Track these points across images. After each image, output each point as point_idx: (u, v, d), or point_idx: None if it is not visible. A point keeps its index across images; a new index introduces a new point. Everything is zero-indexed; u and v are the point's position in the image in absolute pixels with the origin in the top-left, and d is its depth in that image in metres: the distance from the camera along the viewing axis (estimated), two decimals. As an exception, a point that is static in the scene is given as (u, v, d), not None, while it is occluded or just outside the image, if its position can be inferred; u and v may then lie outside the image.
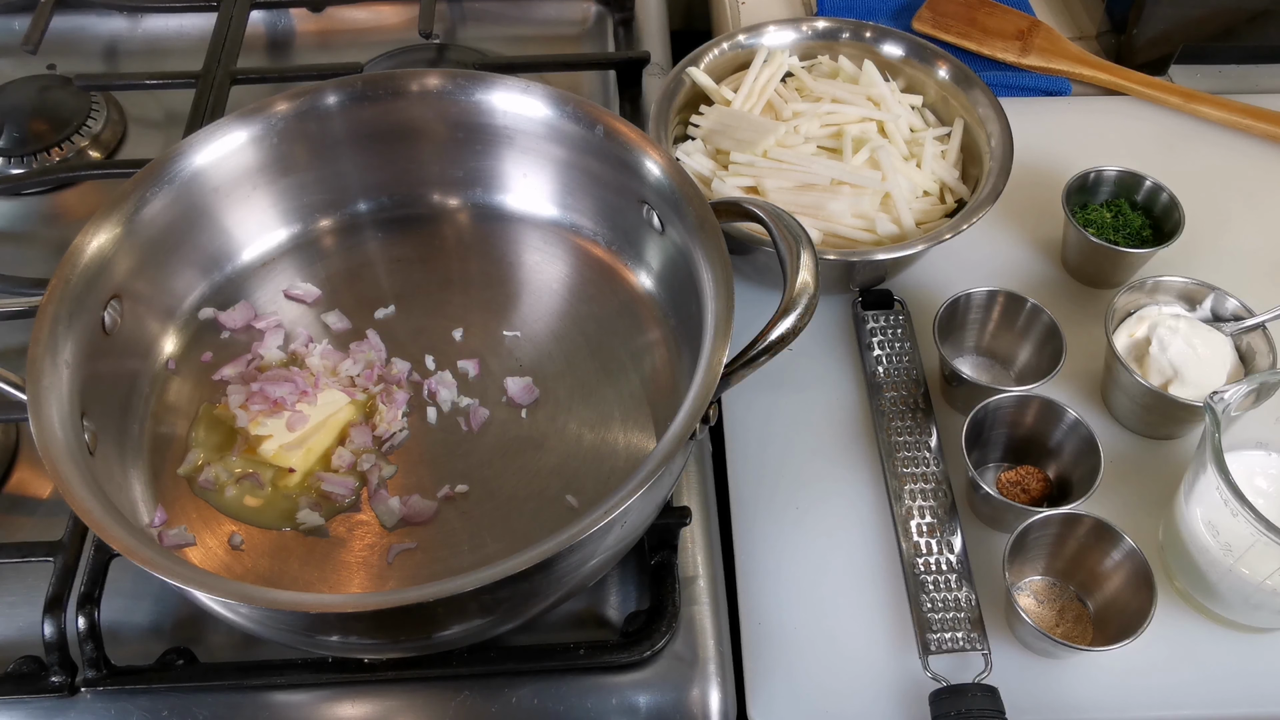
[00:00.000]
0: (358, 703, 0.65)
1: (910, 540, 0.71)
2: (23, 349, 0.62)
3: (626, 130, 0.74)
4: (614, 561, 0.64)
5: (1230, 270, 0.86)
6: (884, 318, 0.83)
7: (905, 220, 0.82)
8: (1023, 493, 0.72)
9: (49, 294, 0.65)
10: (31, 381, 0.61)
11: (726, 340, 0.62)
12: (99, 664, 0.64)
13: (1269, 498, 0.69)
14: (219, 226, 0.77)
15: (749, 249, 0.78)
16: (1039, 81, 1.03)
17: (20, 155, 0.95)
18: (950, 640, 0.67)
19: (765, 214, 0.67)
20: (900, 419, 0.77)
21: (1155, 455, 0.77)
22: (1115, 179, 0.87)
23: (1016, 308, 0.79)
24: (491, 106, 0.78)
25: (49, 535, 0.69)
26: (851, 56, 0.92)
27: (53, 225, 0.93)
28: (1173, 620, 0.69)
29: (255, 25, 1.07)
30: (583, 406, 0.73)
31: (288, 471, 0.69)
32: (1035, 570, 0.70)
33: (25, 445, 0.77)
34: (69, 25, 1.07)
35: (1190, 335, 0.75)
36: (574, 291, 0.79)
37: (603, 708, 0.65)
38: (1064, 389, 0.79)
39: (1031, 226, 0.91)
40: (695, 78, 0.89)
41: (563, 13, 1.11)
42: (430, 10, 1.00)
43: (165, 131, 1.01)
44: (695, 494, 0.74)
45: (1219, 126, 1.00)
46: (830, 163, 0.84)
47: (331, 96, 0.77)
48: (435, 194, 0.83)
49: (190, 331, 0.76)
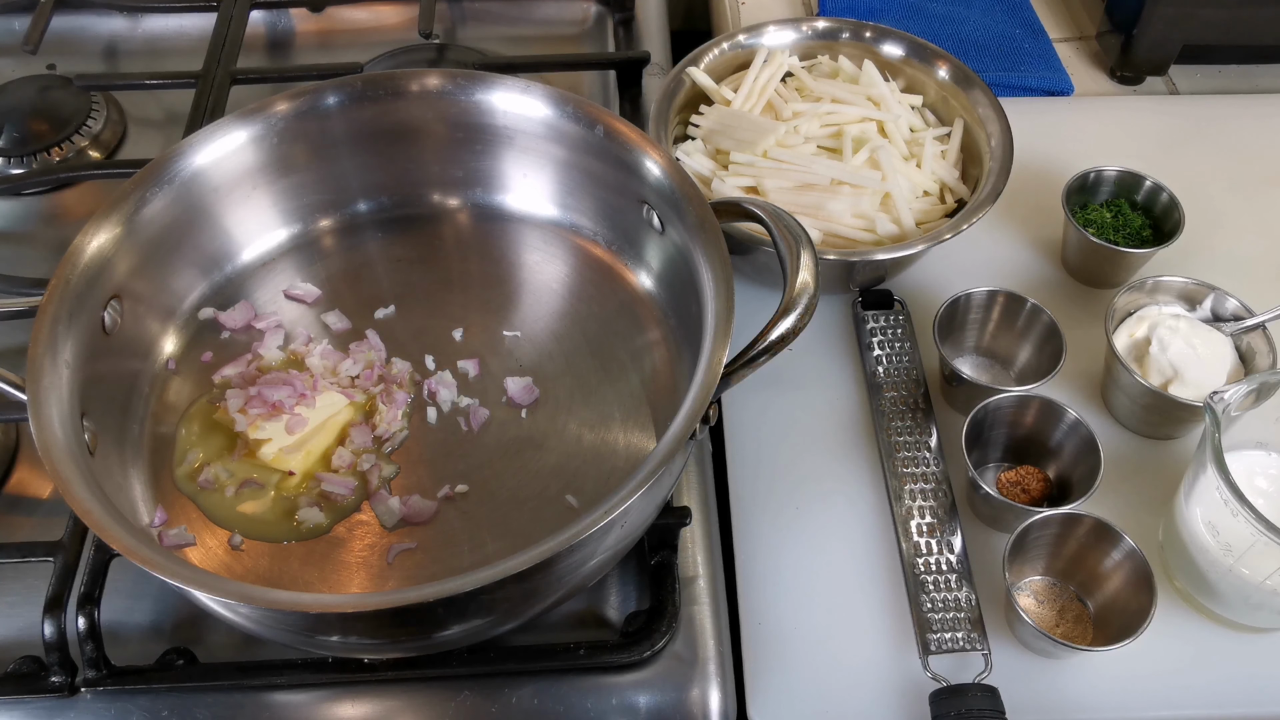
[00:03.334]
0: (358, 703, 0.65)
1: (910, 540, 0.71)
2: (23, 349, 0.62)
3: (626, 130, 0.74)
4: (614, 561, 0.64)
5: (1230, 270, 0.86)
6: (884, 318, 0.83)
7: (905, 220, 0.82)
8: (1023, 493, 0.72)
9: (49, 294, 0.65)
10: (31, 381, 0.61)
11: (726, 340, 0.62)
12: (99, 664, 0.64)
13: (1269, 498, 0.69)
14: (219, 226, 0.77)
15: (749, 249, 0.78)
16: (1039, 81, 1.03)
17: (20, 155, 0.95)
18: (950, 640, 0.67)
19: (765, 214, 0.67)
20: (900, 419, 0.77)
21: (1155, 455, 0.77)
22: (1115, 179, 0.87)
23: (1016, 308, 0.79)
24: (491, 106, 0.78)
25: (49, 535, 0.69)
26: (851, 56, 0.92)
27: (53, 225, 0.93)
28: (1173, 620, 0.69)
29: (255, 25, 1.07)
30: (583, 406, 0.73)
31: (287, 475, 0.69)
32: (1035, 570, 0.70)
33: (25, 445, 0.77)
34: (69, 25, 1.07)
35: (1190, 335, 0.75)
36: (574, 291, 0.79)
37: (603, 708, 0.65)
38: (1064, 389, 0.79)
39: (1031, 226, 0.91)
40: (695, 78, 0.89)
41: (563, 13, 1.11)
42: (430, 10, 1.00)
43: (165, 131, 1.01)
44: (695, 494, 0.74)
45: (1219, 126, 1.00)
46: (830, 163, 0.84)
47: (331, 96, 0.77)
48: (435, 194, 0.83)
49: (190, 331, 0.76)
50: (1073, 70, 1.05)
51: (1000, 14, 1.10)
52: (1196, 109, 1.02)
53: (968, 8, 1.10)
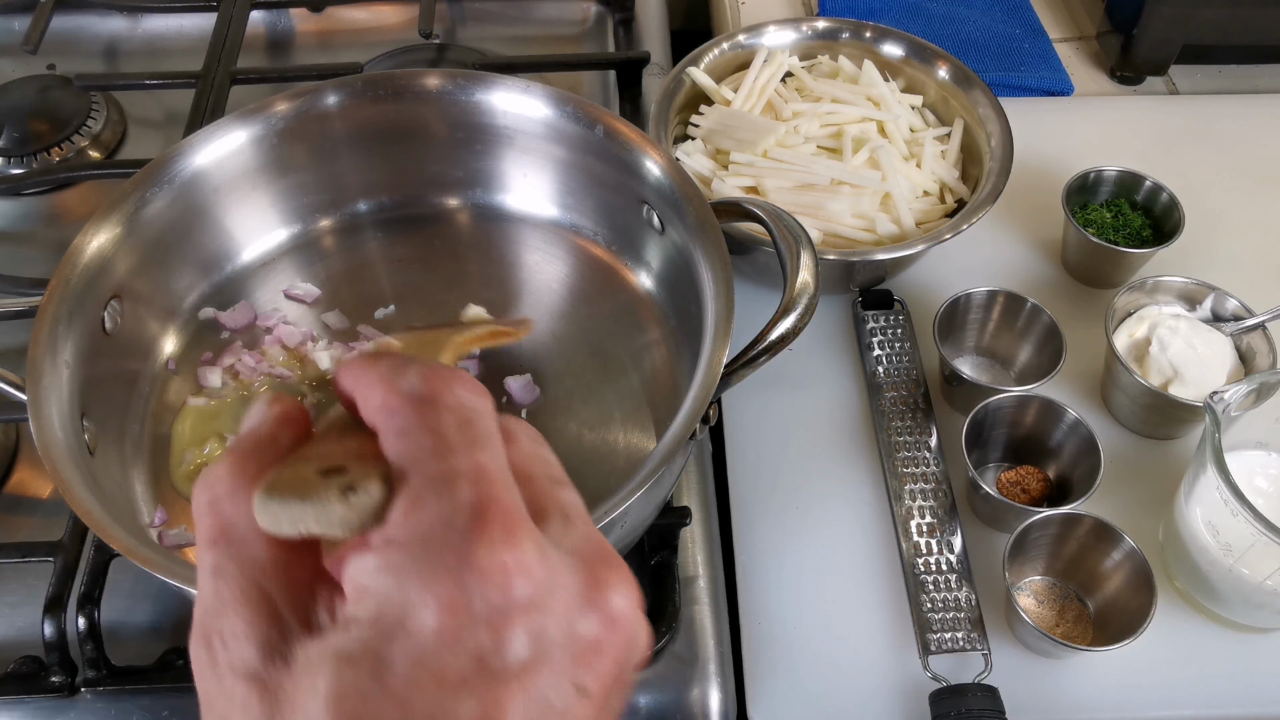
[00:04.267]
0: (358, 703, 0.65)
1: (910, 540, 0.71)
2: (23, 349, 0.62)
3: (626, 130, 0.74)
4: (614, 561, 0.64)
5: (1230, 270, 0.86)
6: (884, 318, 0.83)
7: (905, 220, 0.82)
8: (1023, 493, 0.72)
9: (49, 294, 0.65)
10: (31, 381, 0.61)
11: (726, 340, 0.61)
12: (99, 664, 0.64)
13: (1269, 498, 0.69)
14: (219, 226, 0.77)
15: (749, 249, 0.78)
16: (1039, 81, 1.03)
17: (20, 155, 0.95)
18: (950, 640, 0.67)
19: (765, 214, 0.67)
20: (900, 419, 0.77)
21: (1155, 455, 0.77)
22: (1115, 179, 0.87)
23: (1016, 308, 0.79)
24: (491, 106, 0.78)
25: (49, 535, 0.69)
26: (851, 56, 0.92)
27: (53, 225, 0.93)
28: (1173, 620, 0.69)
29: (255, 25, 1.07)
30: (583, 406, 0.73)
31: None
32: (1035, 570, 0.70)
33: (25, 445, 0.77)
34: (69, 25, 1.07)
35: (1190, 335, 0.75)
36: (574, 291, 0.79)
37: (603, 708, 0.65)
38: (1064, 389, 0.79)
39: (1031, 226, 0.91)
40: (695, 78, 0.89)
41: (563, 13, 1.11)
42: (430, 10, 1.00)
43: (165, 131, 1.01)
44: (695, 494, 0.74)
45: (1219, 126, 1.00)
46: (830, 163, 0.84)
47: (331, 96, 0.77)
48: (435, 194, 0.83)
49: (190, 331, 0.76)
50: (1073, 70, 1.05)
51: (1000, 14, 1.10)
52: (1196, 109, 1.02)
53: (968, 8, 1.10)
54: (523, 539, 0.28)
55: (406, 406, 0.29)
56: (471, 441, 0.29)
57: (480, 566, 0.27)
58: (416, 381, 0.30)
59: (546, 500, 0.31)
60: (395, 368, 0.30)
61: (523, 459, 0.31)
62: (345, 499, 0.28)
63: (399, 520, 0.28)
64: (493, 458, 0.29)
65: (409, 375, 0.30)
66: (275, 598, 0.29)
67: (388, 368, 0.30)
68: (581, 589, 0.29)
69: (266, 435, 0.31)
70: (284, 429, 0.32)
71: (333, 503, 0.28)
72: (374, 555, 0.28)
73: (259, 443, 0.31)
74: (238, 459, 0.31)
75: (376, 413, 0.30)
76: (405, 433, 0.29)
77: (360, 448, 0.30)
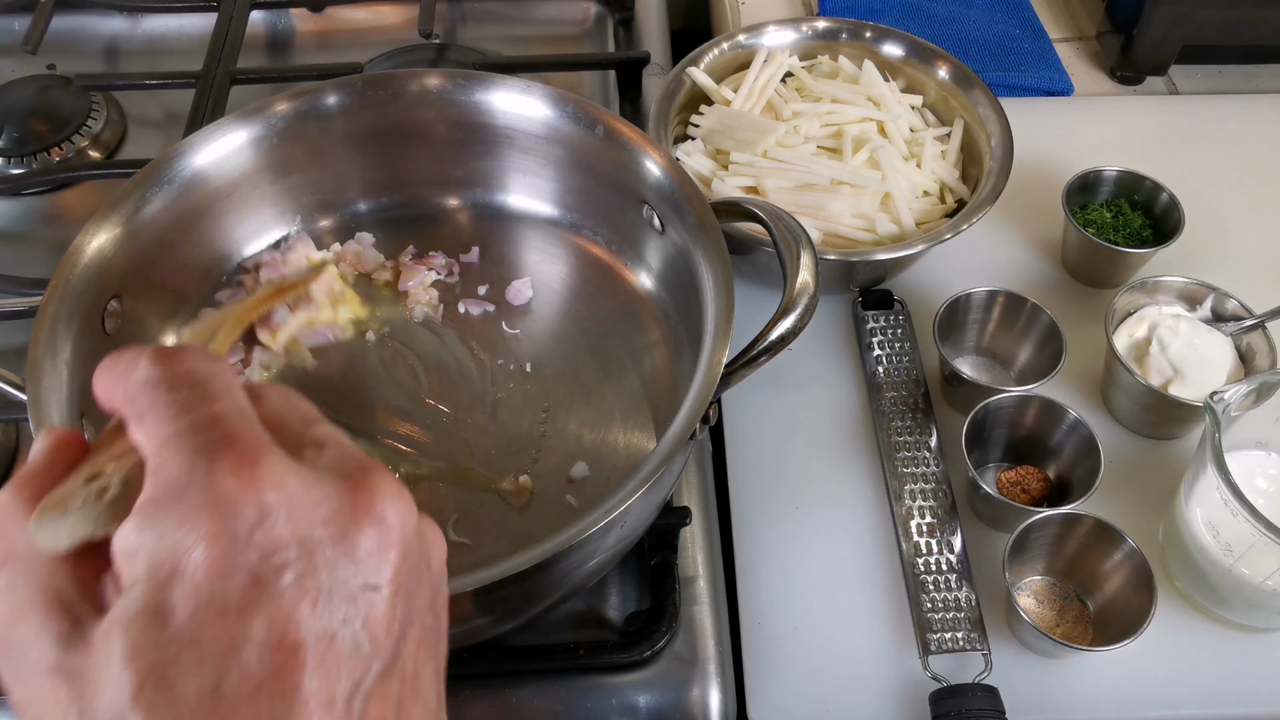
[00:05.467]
0: (358, 703, 0.65)
1: (910, 540, 0.71)
2: (23, 349, 0.62)
3: (626, 130, 0.74)
4: (614, 562, 0.64)
5: (1230, 270, 0.86)
6: (884, 318, 0.83)
7: (905, 220, 0.82)
8: (1023, 493, 0.72)
9: (49, 294, 0.65)
10: (31, 381, 0.61)
11: (726, 340, 0.61)
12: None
13: (1269, 498, 0.69)
14: (219, 226, 0.77)
15: (749, 249, 0.78)
16: (1039, 81, 1.03)
17: (20, 155, 0.95)
18: (950, 640, 0.67)
19: (765, 214, 0.67)
20: (900, 419, 0.77)
21: (1155, 455, 0.77)
22: (1115, 179, 0.87)
23: (1016, 308, 0.79)
24: (491, 106, 0.78)
25: (49, 535, 0.69)
26: (851, 56, 0.92)
27: (53, 225, 0.93)
28: (1173, 620, 0.69)
29: (255, 25, 1.07)
30: (583, 406, 0.73)
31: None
32: (1035, 570, 0.70)
33: (25, 445, 0.77)
34: (69, 25, 1.07)
35: (1190, 335, 0.75)
36: (574, 291, 0.79)
37: (603, 708, 0.65)
38: (1064, 389, 0.79)
39: (1031, 226, 0.91)
40: (695, 78, 0.89)
41: (563, 13, 1.11)
42: (430, 10, 1.00)
43: (165, 131, 1.01)
44: (695, 494, 0.74)
45: (1219, 126, 1.00)
46: (830, 163, 0.84)
47: (331, 96, 0.77)
48: (435, 194, 0.83)
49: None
50: (1073, 70, 1.06)
51: (1000, 14, 1.10)
52: (1196, 109, 1.02)
53: (968, 8, 1.10)
54: (266, 458, 0.29)
55: (141, 391, 0.31)
56: (204, 398, 0.30)
57: (228, 493, 0.28)
58: (145, 366, 0.31)
59: (301, 439, 0.32)
60: (128, 362, 0.32)
61: (273, 411, 0.33)
62: (102, 498, 0.31)
63: (149, 485, 0.29)
64: (229, 406, 0.31)
65: (139, 364, 0.32)
66: (66, 594, 0.30)
67: (123, 364, 0.32)
68: (344, 494, 0.30)
69: (42, 464, 0.33)
70: (57, 454, 0.33)
71: (92, 505, 0.30)
72: (132, 519, 0.29)
73: (34, 472, 0.33)
74: (15, 490, 0.32)
75: (121, 407, 0.32)
76: (144, 413, 0.31)
77: (124, 447, 0.32)
